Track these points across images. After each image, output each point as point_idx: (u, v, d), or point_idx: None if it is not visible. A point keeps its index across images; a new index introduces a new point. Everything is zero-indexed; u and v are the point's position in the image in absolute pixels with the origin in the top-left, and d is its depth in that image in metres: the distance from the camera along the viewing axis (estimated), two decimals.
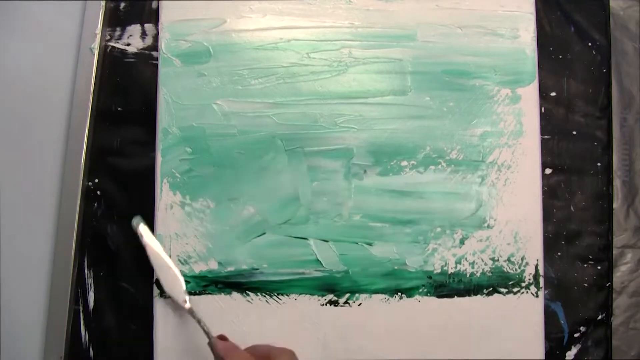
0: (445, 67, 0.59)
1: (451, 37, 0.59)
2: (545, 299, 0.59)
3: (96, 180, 0.61)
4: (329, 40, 0.59)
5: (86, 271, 0.60)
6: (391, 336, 0.56)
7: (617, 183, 0.63)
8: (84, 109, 0.61)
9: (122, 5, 0.63)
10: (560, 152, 0.62)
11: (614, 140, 0.63)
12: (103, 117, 0.61)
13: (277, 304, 0.56)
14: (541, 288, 0.57)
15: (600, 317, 0.60)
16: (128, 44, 0.62)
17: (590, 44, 0.64)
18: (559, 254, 0.61)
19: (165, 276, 0.54)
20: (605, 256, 0.61)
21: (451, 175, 0.58)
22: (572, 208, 0.62)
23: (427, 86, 0.58)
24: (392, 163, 0.58)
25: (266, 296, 0.56)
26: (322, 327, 0.55)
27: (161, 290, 0.54)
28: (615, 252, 0.61)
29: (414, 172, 0.58)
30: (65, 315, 0.58)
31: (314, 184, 0.57)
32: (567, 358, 0.60)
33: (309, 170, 0.57)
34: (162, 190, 0.56)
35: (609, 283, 0.61)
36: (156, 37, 0.61)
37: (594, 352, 0.60)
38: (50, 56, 0.63)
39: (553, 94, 0.63)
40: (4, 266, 0.59)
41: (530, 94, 0.59)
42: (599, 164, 0.62)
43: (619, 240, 0.62)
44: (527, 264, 0.57)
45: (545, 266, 0.58)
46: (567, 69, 0.63)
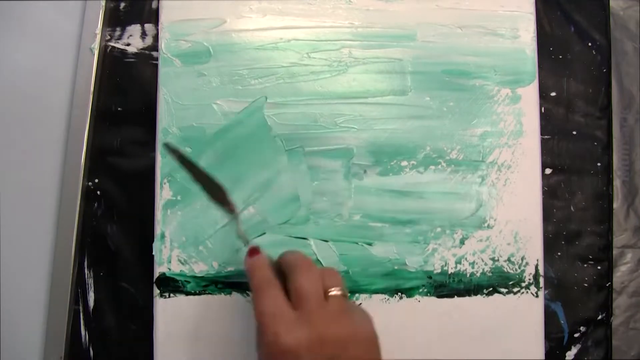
0: (445, 67, 0.59)
1: (451, 37, 0.59)
2: (545, 299, 0.59)
3: (96, 180, 0.61)
4: (329, 40, 0.59)
5: (86, 271, 0.60)
6: (391, 336, 0.56)
7: (617, 183, 0.63)
8: (84, 109, 0.60)
9: (122, 5, 0.63)
10: (560, 152, 0.62)
11: (614, 140, 0.63)
12: (103, 117, 0.61)
13: None
14: (541, 288, 0.57)
15: (600, 317, 0.60)
16: (128, 44, 0.62)
17: (590, 44, 0.64)
18: (559, 254, 0.61)
19: (209, 185, 0.55)
20: (605, 256, 0.61)
21: (451, 175, 0.58)
22: (572, 208, 0.62)
23: (427, 86, 0.58)
24: (392, 163, 0.58)
25: None
26: None
27: (209, 198, 0.55)
28: (615, 252, 0.62)
29: (414, 172, 0.58)
30: (65, 315, 0.58)
31: (314, 184, 0.57)
32: (567, 358, 0.60)
33: (309, 170, 0.57)
34: (162, 190, 0.56)
35: (609, 283, 0.61)
36: (156, 37, 0.61)
37: (594, 352, 0.60)
38: (50, 56, 0.63)
39: (553, 94, 0.63)
40: (4, 266, 0.59)
41: (530, 94, 0.59)
42: (599, 164, 0.62)
43: (619, 240, 0.62)
44: (527, 264, 0.57)
45: (545, 266, 0.58)
46: (567, 69, 0.63)
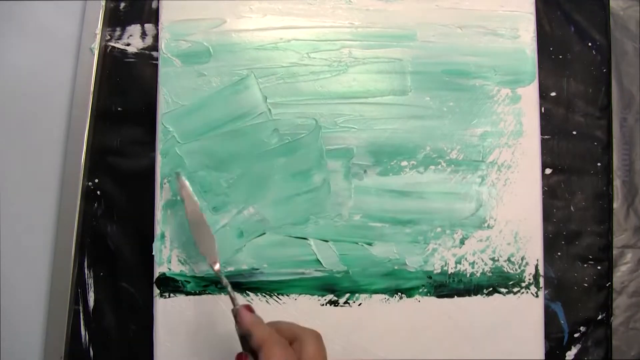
0: (445, 67, 0.59)
1: (451, 37, 0.59)
2: (545, 299, 0.59)
3: (96, 180, 0.61)
4: (329, 40, 0.59)
5: (86, 271, 0.60)
6: (391, 336, 0.56)
7: (617, 183, 0.63)
8: (84, 109, 0.60)
9: (122, 5, 0.63)
10: (560, 152, 0.62)
11: (614, 140, 0.63)
12: (103, 117, 0.61)
13: (277, 304, 0.56)
14: (541, 288, 0.57)
15: (600, 317, 0.60)
16: (128, 44, 0.62)
17: (590, 44, 0.64)
18: (559, 254, 0.61)
19: (199, 234, 0.52)
20: (605, 256, 0.61)
21: (451, 175, 0.58)
22: (572, 208, 0.62)
23: (427, 86, 0.58)
24: (392, 163, 0.58)
25: (266, 296, 0.56)
26: (322, 327, 0.55)
27: (197, 248, 0.52)
28: (615, 252, 0.61)
29: (414, 172, 0.58)
30: (65, 315, 0.58)
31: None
32: (567, 358, 0.60)
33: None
34: (162, 190, 0.56)
35: (609, 283, 0.61)
36: (156, 37, 0.61)
37: (594, 352, 0.60)
38: (50, 56, 0.63)
39: (553, 94, 0.63)
40: (4, 266, 0.59)
41: (530, 94, 0.59)
42: (599, 164, 0.62)
43: (619, 240, 0.62)
44: (527, 264, 0.57)
45: (545, 266, 0.58)
46: (567, 69, 0.63)
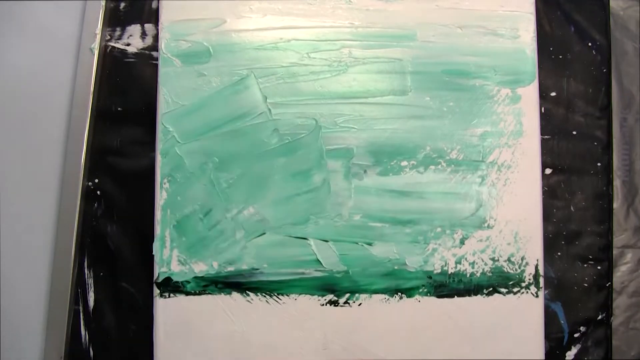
0: (445, 67, 0.59)
1: (451, 37, 0.59)
2: (545, 299, 0.59)
3: (96, 180, 0.61)
4: (329, 40, 0.59)
5: (86, 271, 0.60)
6: (391, 336, 0.56)
7: (617, 183, 0.63)
8: (84, 109, 0.61)
9: (122, 5, 0.63)
10: (560, 152, 0.62)
11: (614, 140, 0.63)
12: (103, 117, 0.61)
13: (277, 304, 0.56)
14: (541, 288, 0.57)
15: (600, 317, 0.60)
16: (128, 44, 0.62)
17: (590, 44, 0.64)
18: (559, 254, 0.61)
19: None
20: (605, 256, 0.61)
21: (451, 175, 0.58)
22: (572, 208, 0.62)
23: (427, 86, 0.58)
24: (392, 163, 0.58)
25: (266, 296, 0.56)
26: (322, 327, 0.55)
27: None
28: (615, 252, 0.61)
29: (414, 172, 0.58)
30: (65, 315, 0.58)
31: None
32: (567, 358, 0.60)
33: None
34: (162, 190, 0.56)
35: (609, 283, 0.61)
36: (156, 37, 0.61)
37: (594, 352, 0.60)
38: (50, 56, 0.63)
39: (553, 94, 0.63)
40: (4, 266, 0.59)
41: (530, 94, 0.59)
42: (599, 164, 0.62)
43: (619, 240, 0.62)
44: (527, 264, 0.57)
45: (545, 266, 0.58)
46: (567, 69, 0.63)
